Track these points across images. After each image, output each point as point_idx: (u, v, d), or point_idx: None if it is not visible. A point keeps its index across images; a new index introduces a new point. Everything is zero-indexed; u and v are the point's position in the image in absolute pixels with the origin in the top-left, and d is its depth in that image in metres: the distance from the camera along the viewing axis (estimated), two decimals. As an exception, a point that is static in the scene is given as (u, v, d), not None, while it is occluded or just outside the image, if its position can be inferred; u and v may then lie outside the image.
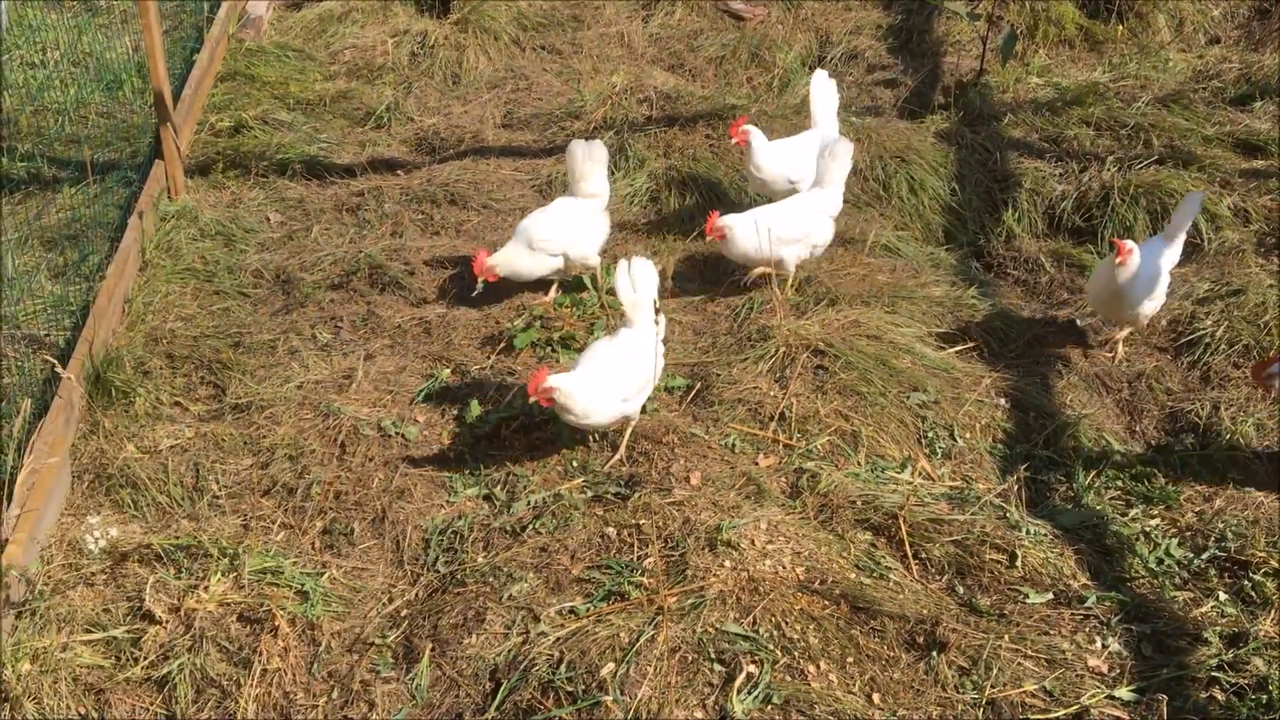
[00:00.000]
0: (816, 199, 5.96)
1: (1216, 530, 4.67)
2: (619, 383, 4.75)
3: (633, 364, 4.80)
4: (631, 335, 4.87)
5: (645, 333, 4.90)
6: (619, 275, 4.90)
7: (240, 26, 8.49)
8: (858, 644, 4.09)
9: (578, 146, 5.87)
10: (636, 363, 4.80)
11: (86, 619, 4.28)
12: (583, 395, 4.63)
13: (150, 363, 5.44)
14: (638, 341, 4.85)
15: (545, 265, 5.82)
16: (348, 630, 4.34)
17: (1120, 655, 4.14)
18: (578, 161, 5.86)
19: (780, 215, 5.84)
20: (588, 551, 4.49)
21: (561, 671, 3.97)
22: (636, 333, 4.88)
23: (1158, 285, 5.48)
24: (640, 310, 4.89)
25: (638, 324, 4.90)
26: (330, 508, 4.80)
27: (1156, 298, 5.52)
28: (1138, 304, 5.47)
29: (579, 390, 4.63)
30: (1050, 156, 7.00)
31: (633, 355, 4.81)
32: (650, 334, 4.92)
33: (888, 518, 4.64)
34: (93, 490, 4.89)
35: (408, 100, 7.90)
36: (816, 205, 5.93)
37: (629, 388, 4.77)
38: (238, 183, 7.01)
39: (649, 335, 4.91)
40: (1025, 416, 5.38)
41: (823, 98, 6.46)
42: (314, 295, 5.98)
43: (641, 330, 4.90)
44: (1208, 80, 7.64)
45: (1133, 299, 5.44)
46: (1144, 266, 5.37)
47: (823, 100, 6.46)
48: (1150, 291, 5.46)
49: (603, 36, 8.67)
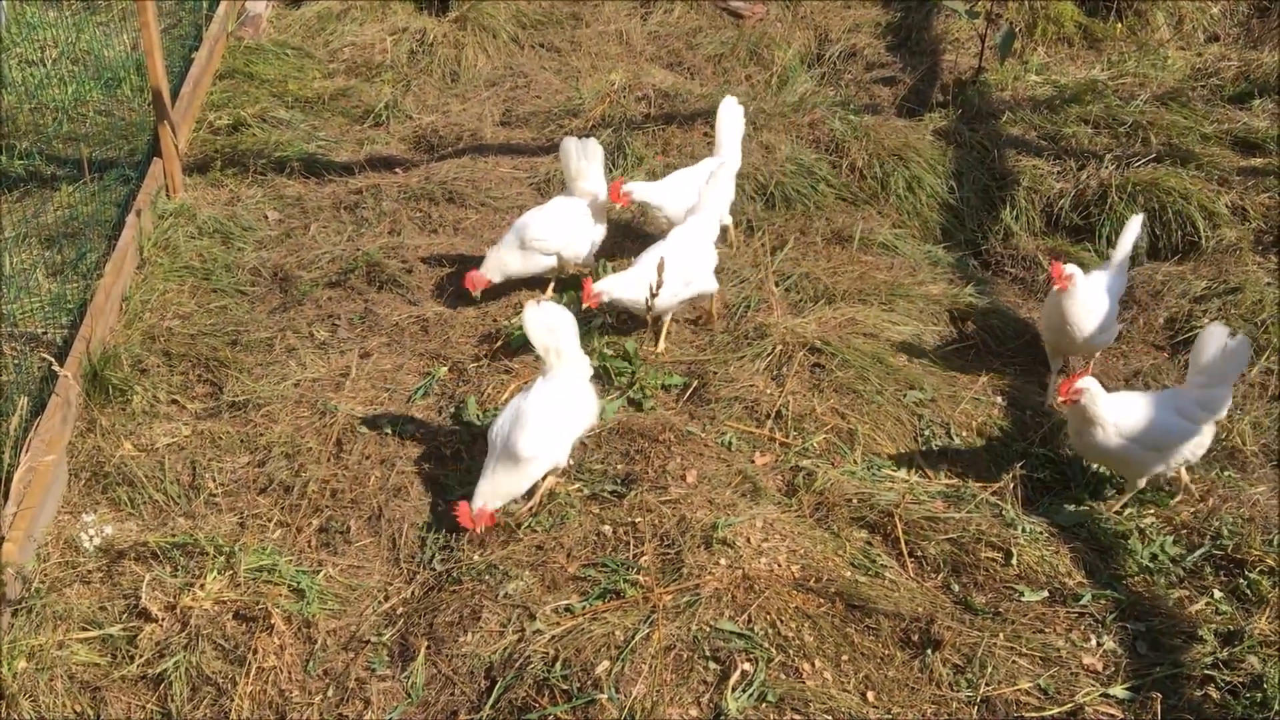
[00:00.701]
0: (690, 230, 5.57)
1: (1212, 528, 4.67)
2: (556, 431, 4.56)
3: (562, 410, 4.58)
4: (551, 383, 4.63)
5: (564, 380, 4.64)
6: (529, 320, 4.58)
7: (239, 24, 8.49)
8: (853, 642, 4.09)
9: (571, 144, 5.85)
10: (565, 409, 4.59)
11: (82, 617, 4.28)
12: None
13: (147, 360, 5.44)
14: (560, 389, 4.62)
15: (538, 264, 5.82)
16: (343, 628, 4.34)
17: (1115, 653, 4.14)
18: (572, 159, 5.85)
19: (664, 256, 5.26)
20: (584, 549, 4.49)
21: (557, 669, 3.97)
22: (557, 380, 4.63)
23: (1105, 314, 5.25)
24: (556, 356, 4.63)
25: (556, 372, 4.64)
26: (326, 506, 4.81)
27: (1107, 329, 5.30)
28: (1086, 333, 5.24)
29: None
30: (1048, 154, 7.00)
31: (560, 401, 4.58)
32: (572, 381, 4.66)
33: (883, 516, 4.65)
34: (90, 488, 4.89)
35: (406, 98, 7.90)
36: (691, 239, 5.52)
37: (567, 434, 4.60)
38: (236, 181, 7.01)
39: (571, 382, 4.66)
40: (1021, 414, 5.38)
41: (729, 124, 6.15)
42: (311, 293, 5.98)
43: (561, 378, 4.64)
44: (1206, 78, 7.63)
45: (1080, 327, 5.22)
46: (1091, 295, 5.20)
47: (729, 126, 6.15)
48: (1098, 320, 5.23)
49: (601, 34, 8.67)
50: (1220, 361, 4.66)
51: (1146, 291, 6.06)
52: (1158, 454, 4.66)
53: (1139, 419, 4.63)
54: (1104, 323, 5.27)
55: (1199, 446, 4.73)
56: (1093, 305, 5.22)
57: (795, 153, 6.99)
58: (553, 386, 4.64)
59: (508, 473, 4.49)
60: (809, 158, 6.98)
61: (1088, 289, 5.21)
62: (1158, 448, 4.65)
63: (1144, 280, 6.12)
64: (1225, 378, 4.69)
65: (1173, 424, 4.64)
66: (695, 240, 5.51)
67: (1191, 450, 4.72)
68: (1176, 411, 4.67)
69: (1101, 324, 5.26)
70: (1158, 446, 4.65)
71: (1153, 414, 4.65)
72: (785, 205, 6.73)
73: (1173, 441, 4.65)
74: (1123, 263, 5.43)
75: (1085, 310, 5.21)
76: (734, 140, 6.16)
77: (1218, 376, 4.67)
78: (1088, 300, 5.21)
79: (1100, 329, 5.26)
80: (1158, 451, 4.66)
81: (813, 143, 7.13)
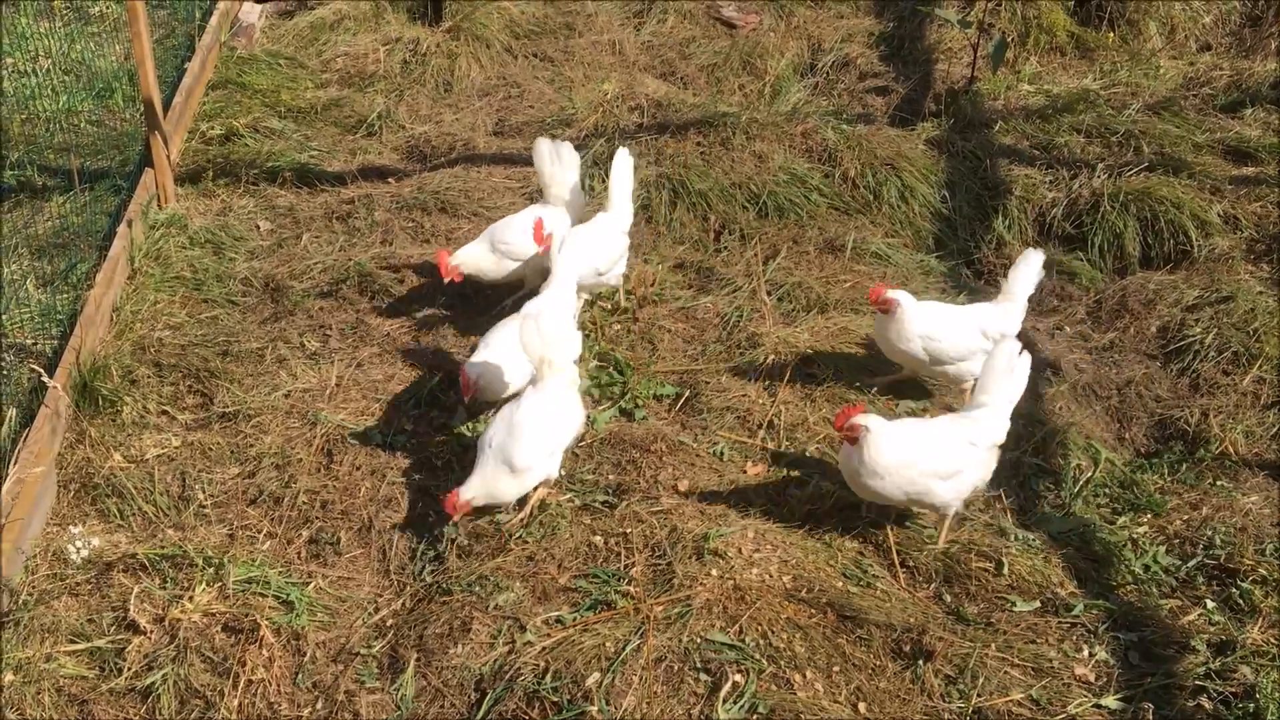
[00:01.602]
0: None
1: (1205, 538, 4.67)
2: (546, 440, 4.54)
3: (552, 419, 4.59)
4: (542, 394, 4.63)
5: (554, 390, 4.64)
6: (524, 329, 4.60)
7: (232, 34, 8.48)
8: (844, 653, 4.08)
9: (544, 145, 5.78)
10: (556, 418, 4.60)
11: (70, 629, 4.26)
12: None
13: (138, 371, 5.42)
14: (550, 398, 4.62)
15: (507, 268, 5.75)
16: (333, 640, 4.33)
17: (1107, 663, 4.13)
18: (545, 163, 5.79)
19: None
20: (575, 560, 4.48)
21: (547, 681, 3.96)
22: (543, 394, 4.62)
23: (957, 347, 5.13)
24: (547, 366, 4.64)
25: (546, 382, 4.65)
26: (317, 517, 4.79)
27: (959, 363, 5.17)
28: (907, 359, 5.20)
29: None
30: (1041, 164, 7.01)
31: (550, 411, 4.59)
32: (561, 391, 4.66)
33: (875, 526, 4.63)
34: (79, 500, 4.87)
35: (399, 108, 7.89)
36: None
37: (554, 444, 4.58)
38: (228, 191, 6.99)
39: (560, 392, 4.66)
40: (1014, 424, 5.36)
41: (619, 176, 5.77)
42: (303, 303, 5.96)
43: (549, 390, 4.64)
44: (1199, 87, 7.65)
45: (910, 353, 5.15)
46: (919, 324, 5.10)
47: (619, 179, 5.77)
48: (913, 349, 5.13)
49: (595, 44, 8.67)
50: (1000, 375, 4.59)
51: (1139, 300, 6.05)
52: (943, 481, 4.44)
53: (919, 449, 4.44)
54: (932, 354, 5.14)
55: (982, 473, 4.58)
56: (915, 334, 5.11)
57: (788, 162, 6.99)
58: (544, 397, 4.63)
59: (501, 479, 4.48)
60: (802, 167, 6.98)
61: (915, 317, 5.10)
62: (940, 475, 4.44)
63: (1136, 289, 6.12)
64: (1006, 397, 4.61)
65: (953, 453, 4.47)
66: (548, 315, 4.96)
67: (971, 481, 4.55)
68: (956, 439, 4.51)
69: (927, 355, 5.15)
70: (939, 474, 4.44)
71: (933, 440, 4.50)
72: (778, 215, 6.72)
73: (954, 469, 4.45)
74: (1017, 298, 5.24)
75: (902, 339, 5.13)
76: (624, 194, 5.81)
77: (999, 395, 4.59)
78: (911, 328, 5.10)
79: (932, 359, 5.16)
80: (942, 480, 4.44)
81: (805, 152, 7.13)
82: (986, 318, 5.20)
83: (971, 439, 4.49)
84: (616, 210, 5.75)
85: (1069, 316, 6.09)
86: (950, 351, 5.15)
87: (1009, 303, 5.25)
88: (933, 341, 5.13)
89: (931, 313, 5.19)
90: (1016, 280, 5.25)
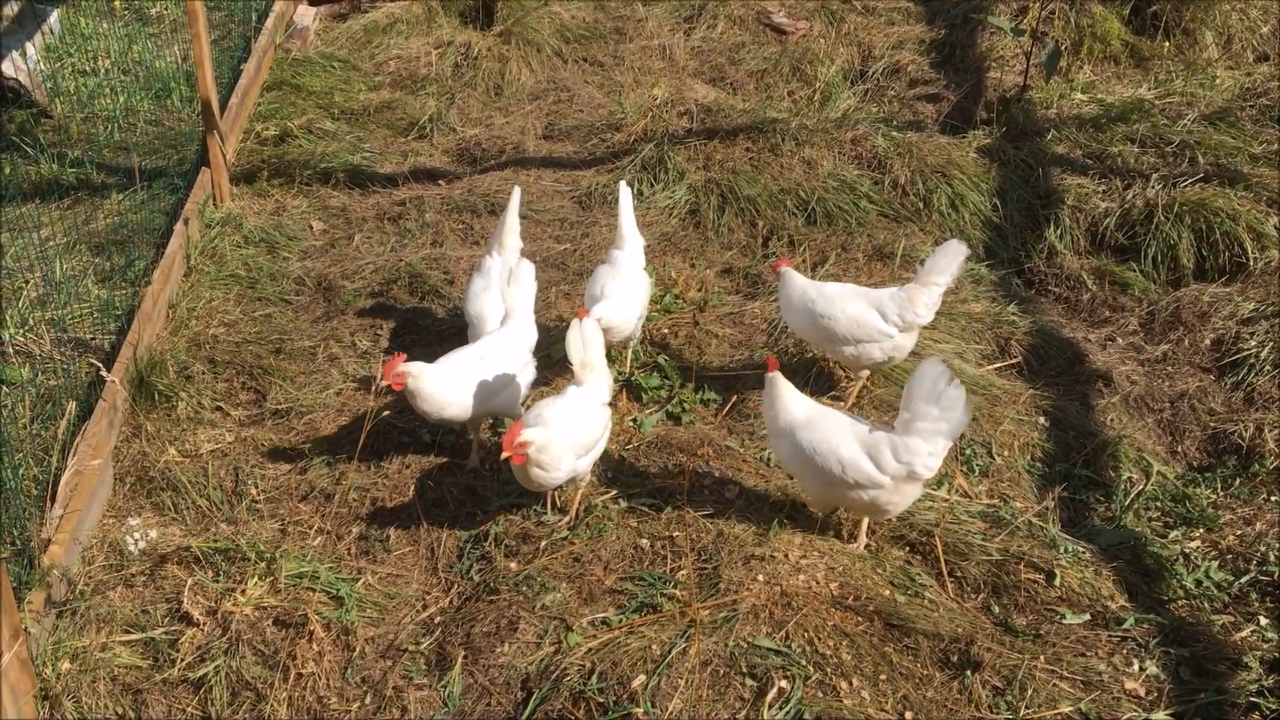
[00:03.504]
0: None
1: (1258, 554, 4.60)
2: (576, 438, 4.50)
3: (586, 421, 4.58)
4: (581, 394, 4.64)
5: (595, 392, 4.68)
6: (570, 335, 4.62)
7: (287, 37, 8.60)
8: (891, 661, 4.06)
9: (517, 196, 5.52)
10: (590, 420, 4.60)
11: (125, 620, 4.33)
12: (554, 447, 4.39)
13: (193, 367, 5.51)
14: (588, 400, 4.64)
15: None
16: (381, 636, 4.37)
17: (1158, 678, 4.08)
18: (509, 212, 5.46)
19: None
20: (621, 562, 4.49)
21: (593, 682, 3.97)
22: (586, 392, 4.65)
23: (850, 327, 5.06)
24: (589, 370, 4.67)
25: (586, 384, 4.66)
26: (366, 514, 4.84)
27: (856, 343, 5.08)
28: (806, 331, 5.17)
29: (552, 443, 4.38)
30: (1094, 173, 6.94)
31: (586, 412, 4.60)
32: (600, 395, 4.70)
33: (923, 535, 4.61)
34: (134, 492, 4.95)
35: (450, 111, 7.96)
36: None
37: (583, 444, 4.55)
38: (282, 191, 7.09)
39: (599, 395, 4.69)
40: (1064, 435, 5.33)
41: (625, 209, 5.57)
42: (354, 303, 6.03)
43: (590, 390, 4.67)
44: (1256, 98, 7.54)
45: (798, 326, 5.19)
46: (844, 302, 5.07)
47: (625, 212, 5.57)
48: (798, 323, 5.16)
49: (644, 49, 8.70)
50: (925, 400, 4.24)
51: (1193, 312, 5.98)
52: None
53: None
54: (824, 332, 5.11)
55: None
56: (798, 307, 5.16)
57: (837, 169, 6.98)
58: (579, 401, 4.62)
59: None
60: (851, 174, 6.97)
61: (796, 289, 5.15)
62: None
63: (1190, 301, 6.05)
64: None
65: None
66: (500, 355, 4.95)
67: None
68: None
69: (817, 332, 5.14)
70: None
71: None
72: (827, 221, 6.71)
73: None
74: (931, 284, 5.05)
75: (788, 310, 5.20)
76: (632, 228, 5.58)
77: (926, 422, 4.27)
78: (793, 298, 5.16)
79: (826, 338, 5.14)
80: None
81: (855, 159, 7.12)
82: (887, 301, 5.08)
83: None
84: (630, 246, 5.53)
85: (1121, 328, 6.03)
86: (842, 331, 5.08)
87: (918, 289, 5.04)
88: (823, 320, 5.09)
89: (824, 290, 5.16)
90: (932, 268, 5.04)
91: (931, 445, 4.23)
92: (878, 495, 4.31)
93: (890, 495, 4.32)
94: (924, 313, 5.07)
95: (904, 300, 5.05)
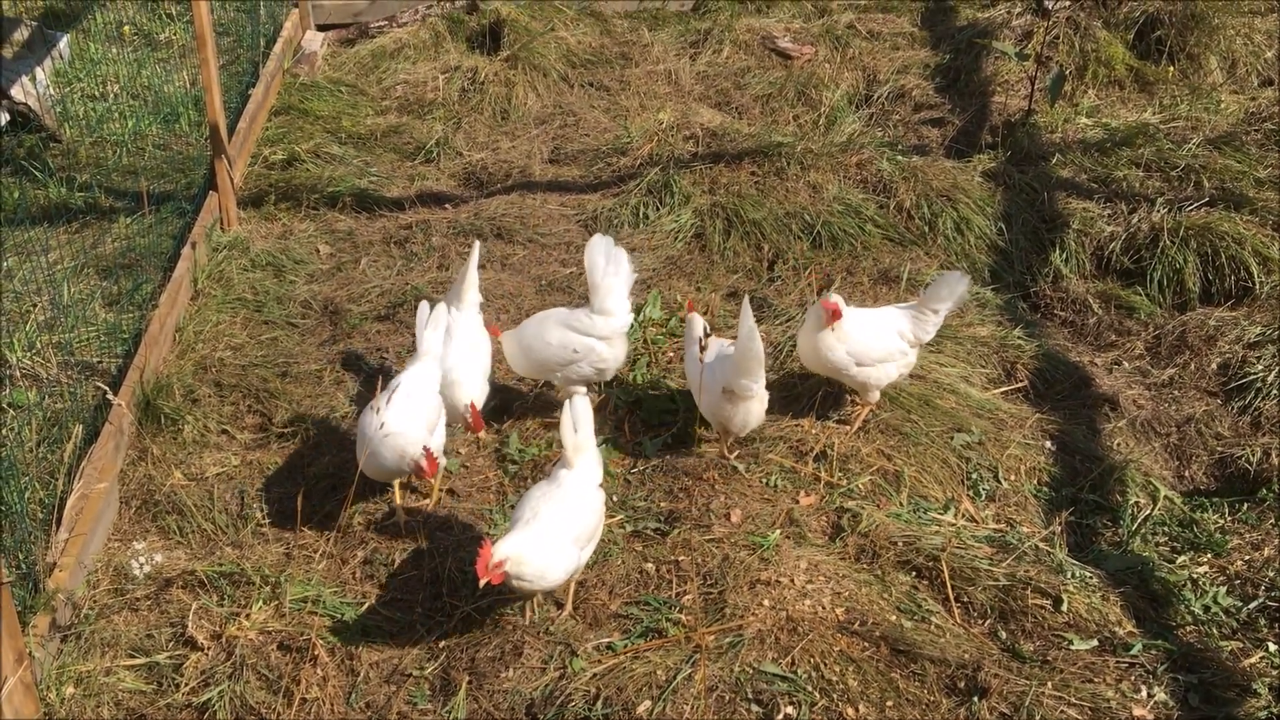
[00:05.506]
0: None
1: (1266, 579, 4.58)
2: (571, 532, 4.23)
3: (581, 508, 4.31)
4: (572, 477, 4.37)
5: (587, 474, 4.42)
6: (562, 417, 4.37)
7: (295, 62, 8.65)
8: (897, 687, 4.04)
9: (477, 246, 5.32)
10: (585, 507, 4.33)
11: (130, 644, 4.32)
12: (534, 556, 4.10)
13: (199, 390, 5.51)
14: (580, 484, 4.38)
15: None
16: (386, 661, 4.35)
17: (1166, 705, 4.05)
18: (469, 267, 5.23)
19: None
20: (626, 587, 4.48)
21: (598, 708, 3.96)
22: (577, 474, 4.39)
23: (875, 349, 5.15)
24: (580, 453, 4.42)
25: (577, 466, 4.40)
26: (371, 538, 4.83)
27: (879, 366, 5.19)
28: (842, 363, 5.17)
29: (528, 552, 4.09)
30: (1099, 197, 6.95)
31: (579, 499, 4.33)
32: (592, 476, 4.45)
33: (929, 560, 4.60)
34: (140, 516, 4.95)
35: (457, 135, 8.00)
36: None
37: (582, 535, 4.28)
38: (289, 215, 7.12)
39: (592, 477, 4.44)
40: (1071, 460, 5.32)
41: (594, 262, 5.24)
42: (361, 326, 6.05)
43: (582, 472, 4.41)
44: (1260, 122, 7.55)
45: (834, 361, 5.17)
46: (862, 328, 5.15)
47: (594, 265, 5.24)
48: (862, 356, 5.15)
49: (650, 74, 8.74)
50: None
51: (1199, 336, 5.97)
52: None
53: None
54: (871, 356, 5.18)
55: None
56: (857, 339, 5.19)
57: (842, 192, 7.00)
58: (570, 487, 4.35)
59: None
60: (856, 198, 6.98)
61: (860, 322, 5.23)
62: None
63: (1196, 325, 6.04)
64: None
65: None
66: (410, 398, 4.79)
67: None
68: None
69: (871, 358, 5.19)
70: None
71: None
72: (832, 245, 6.72)
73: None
74: (932, 311, 5.22)
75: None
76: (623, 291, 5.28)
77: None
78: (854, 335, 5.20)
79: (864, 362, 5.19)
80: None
81: (860, 183, 7.13)
82: (905, 320, 5.24)
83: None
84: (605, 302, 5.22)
85: (1127, 352, 6.02)
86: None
87: (919, 314, 5.22)
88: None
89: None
90: (933, 295, 5.20)
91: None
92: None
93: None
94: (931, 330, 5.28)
95: (916, 318, 5.22)
